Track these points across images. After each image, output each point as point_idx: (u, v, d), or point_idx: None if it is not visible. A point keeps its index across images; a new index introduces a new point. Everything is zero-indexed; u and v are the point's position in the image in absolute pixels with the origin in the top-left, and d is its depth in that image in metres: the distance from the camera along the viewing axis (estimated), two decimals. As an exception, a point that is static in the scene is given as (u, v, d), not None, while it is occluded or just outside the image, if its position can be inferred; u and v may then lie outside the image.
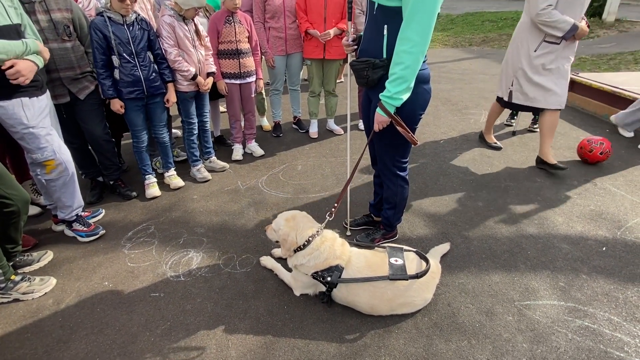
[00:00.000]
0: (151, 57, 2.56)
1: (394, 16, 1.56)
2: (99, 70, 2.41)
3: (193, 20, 2.69)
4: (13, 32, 1.90)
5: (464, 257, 2.17)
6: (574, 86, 4.85)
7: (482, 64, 7.71)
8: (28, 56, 1.91)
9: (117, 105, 2.52)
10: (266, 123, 4.37)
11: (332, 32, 3.45)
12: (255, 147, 3.64)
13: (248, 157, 3.61)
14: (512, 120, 4.21)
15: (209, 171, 3.22)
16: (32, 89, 1.98)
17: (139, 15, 2.48)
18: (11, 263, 1.99)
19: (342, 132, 4.13)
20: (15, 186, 1.86)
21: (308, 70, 3.90)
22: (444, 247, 2.20)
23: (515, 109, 3.92)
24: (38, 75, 2.00)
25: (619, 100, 4.12)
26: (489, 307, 1.82)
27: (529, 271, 2.05)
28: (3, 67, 1.79)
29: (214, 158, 3.34)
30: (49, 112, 2.12)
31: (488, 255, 2.18)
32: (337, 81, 4.23)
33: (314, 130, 4.11)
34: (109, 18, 2.32)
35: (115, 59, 2.40)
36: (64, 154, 2.15)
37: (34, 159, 2.08)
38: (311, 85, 3.91)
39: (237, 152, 3.56)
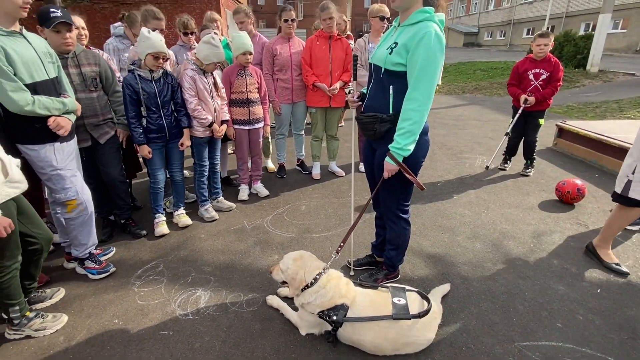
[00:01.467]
0: (172, 106, 2.80)
1: (398, 79, 1.79)
2: (131, 120, 2.63)
3: (212, 73, 2.96)
4: (50, 85, 2.12)
5: (464, 298, 2.24)
6: (563, 133, 5.15)
7: (474, 110, 8.12)
8: (66, 115, 2.13)
9: (145, 151, 2.72)
10: (271, 165, 4.57)
11: (338, 85, 3.75)
12: (260, 188, 3.80)
13: (253, 197, 3.75)
14: (506, 165, 4.41)
15: (216, 211, 3.35)
16: (64, 136, 2.17)
17: (165, 70, 2.74)
18: (26, 299, 2.05)
19: (344, 174, 4.32)
20: (41, 225, 1.98)
21: (312, 117, 4.16)
22: (445, 288, 2.28)
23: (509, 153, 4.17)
24: (70, 124, 2.21)
25: (606, 147, 4.36)
26: (490, 347, 1.88)
27: (527, 312, 2.12)
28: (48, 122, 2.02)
29: (221, 198, 3.48)
30: (75, 156, 2.30)
31: (487, 296, 2.26)
32: (338, 125, 4.49)
33: (316, 171, 4.29)
34: (139, 75, 2.58)
35: (143, 110, 2.62)
36: (86, 194, 2.29)
37: (57, 199, 2.22)
38: (314, 130, 4.16)
39: (244, 192, 3.71)
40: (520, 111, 3.96)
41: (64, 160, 2.17)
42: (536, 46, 3.80)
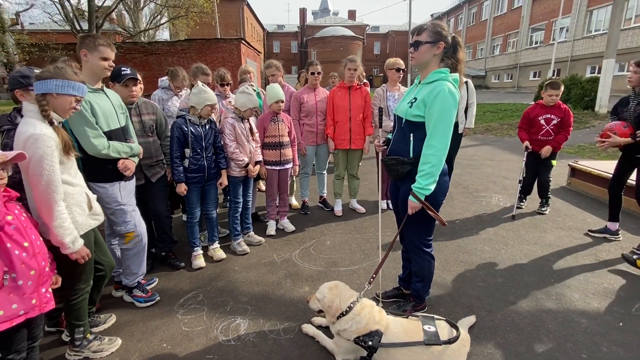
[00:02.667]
0: (213, 149, 3.14)
1: (418, 127, 2.08)
2: (175, 160, 2.95)
3: (248, 119, 3.33)
4: (121, 132, 2.48)
5: (490, 329, 2.35)
6: (576, 173, 5.31)
7: (487, 150, 8.38)
8: (131, 157, 2.47)
9: (181, 188, 3.02)
10: (295, 202, 4.83)
11: (366, 146, 4.28)
12: (287, 224, 4.03)
13: (280, 232, 3.97)
14: (522, 203, 4.57)
15: (247, 245, 3.57)
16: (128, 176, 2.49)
17: (210, 118, 3.12)
18: (86, 323, 2.26)
19: (364, 211, 4.53)
20: (108, 254, 2.24)
21: (334, 158, 4.47)
22: (471, 320, 2.40)
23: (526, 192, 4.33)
24: (132, 165, 2.54)
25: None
26: (518, 376, 1.97)
27: (552, 343, 2.21)
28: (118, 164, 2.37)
29: (252, 233, 3.71)
30: (134, 193, 2.60)
31: (512, 328, 2.36)
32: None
33: (338, 208, 4.53)
34: (189, 120, 2.95)
35: (187, 151, 2.96)
36: (142, 227, 2.57)
37: (117, 231, 2.50)
38: (337, 170, 4.45)
39: (271, 227, 3.94)
40: (524, 157, 4.26)
41: (126, 196, 2.48)
42: (548, 96, 4.06)
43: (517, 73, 27.62)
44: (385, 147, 2.44)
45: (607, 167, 5.02)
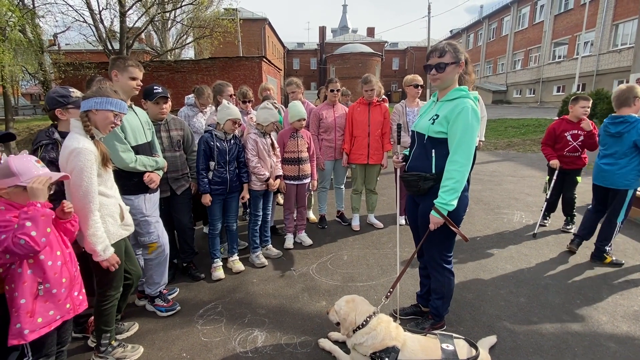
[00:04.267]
0: (236, 164, 3.25)
1: (440, 144, 2.11)
2: (201, 172, 3.07)
3: (270, 134, 3.43)
4: (147, 147, 2.62)
5: (512, 350, 2.29)
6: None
7: (508, 166, 8.22)
8: (157, 171, 2.60)
9: (207, 199, 3.12)
10: (312, 216, 4.87)
11: (384, 162, 4.34)
12: (304, 237, 4.07)
13: (298, 245, 4.01)
14: (545, 221, 4.45)
15: (265, 257, 3.62)
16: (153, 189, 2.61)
17: (235, 134, 3.25)
18: (111, 330, 2.34)
19: (382, 226, 4.52)
20: (136, 263, 2.34)
21: (352, 172, 4.51)
22: (491, 340, 2.34)
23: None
24: (157, 179, 2.67)
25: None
26: (542, 400, 1.90)
27: (579, 368, 2.12)
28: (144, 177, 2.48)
29: (270, 246, 3.77)
30: (158, 205, 2.72)
31: (535, 350, 2.28)
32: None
33: (356, 223, 4.53)
34: (215, 135, 3.08)
35: (212, 164, 3.08)
36: (165, 238, 2.67)
37: (141, 242, 2.60)
38: (354, 184, 4.48)
39: (289, 241, 3.99)
40: (555, 175, 4.11)
41: (151, 208, 2.59)
42: (580, 108, 3.95)
43: (539, 88, 27.11)
44: (404, 163, 2.46)
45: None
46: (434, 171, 2.14)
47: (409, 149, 2.42)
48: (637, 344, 2.31)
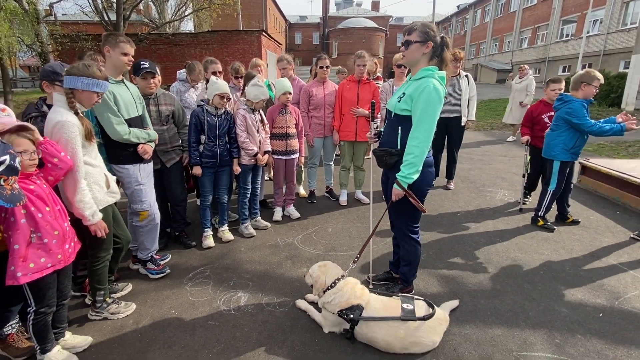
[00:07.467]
0: (227, 138, 3.38)
1: (405, 121, 2.23)
2: (192, 144, 3.23)
3: (259, 111, 3.55)
4: (138, 120, 2.76)
5: (471, 313, 2.50)
6: (586, 171, 5.27)
7: (502, 147, 8.31)
8: (149, 142, 2.75)
9: (198, 170, 3.29)
10: (302, 191, 5.05)
11: (360, 111, 4.28)
12: (293, 211, 4.25)
13: (286, 218, 4.21)
14: (526, 199, 4.61)
15: (254, 228, 3.82)
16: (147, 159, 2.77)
17: (226, 109, 3.37)
18: (106, 288, 2.56)
19: (368, 201, 4.69)
20: (124, 229, 2.53)
21: (341, 149, 4.64)
22: (453, 303, 2.55)
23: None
24: (150, 150, 2.82)
25: (629, 186, 4.46)
26: (490, 354, 2.13)
27: (529, 328, 2.34)
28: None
29: (259, 218, 3.96)
30: (152, 176, 2.88)
31: (492, 313, 2.50)
32: (365, 157, 4.94)
33: (343, 198, 4.71)
34: (206, 110, 3.21)
35: (203, 138, 3.23)
36: (155, 208, 2.86)
37: (134, 209, 2.79)
38: (343, 161, 4.63)
39: (278, 214, 4.18)
40: (526, 151, 4.37)
41: (145, 177, 2.77)
42: (551, 91, 4.11)
43: (545, 67, 26.61)
44: (377, 139, 2.60)
45: (619, 165, 4.97)
46: (399, 147, 2.28)
47: (384, 129, 2.54)
48: (588, 310, 2.52)
